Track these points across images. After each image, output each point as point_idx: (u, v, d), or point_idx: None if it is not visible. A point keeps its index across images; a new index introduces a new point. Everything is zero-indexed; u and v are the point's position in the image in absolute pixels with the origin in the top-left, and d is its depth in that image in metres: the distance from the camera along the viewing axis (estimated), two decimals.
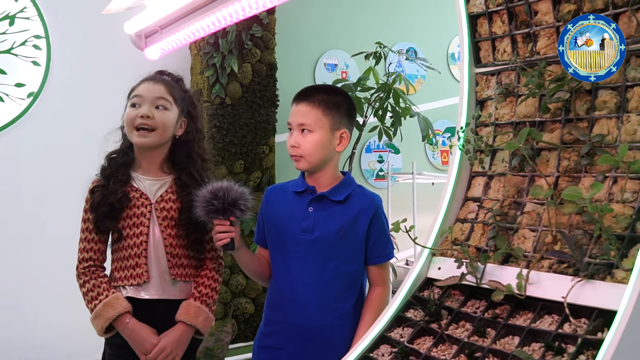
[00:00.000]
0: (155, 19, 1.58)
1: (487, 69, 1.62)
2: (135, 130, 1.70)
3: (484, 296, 1.42)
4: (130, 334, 1.66)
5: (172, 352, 1.67)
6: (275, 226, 1.75)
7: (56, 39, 3.78)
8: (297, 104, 1.69)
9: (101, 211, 1.70)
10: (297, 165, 1.70)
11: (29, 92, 3.71)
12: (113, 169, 1.75)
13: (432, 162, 5.40)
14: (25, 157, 3.69)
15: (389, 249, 1.76)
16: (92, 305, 1.68)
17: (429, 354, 1.34)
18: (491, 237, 1.45)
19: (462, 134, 1.58)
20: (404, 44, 5.01)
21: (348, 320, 1.70)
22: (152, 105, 1.70)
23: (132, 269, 1.71)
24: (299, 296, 1.67)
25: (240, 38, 3.99)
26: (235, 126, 4.00)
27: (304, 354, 1.65)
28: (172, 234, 1.74)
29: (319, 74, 4.78)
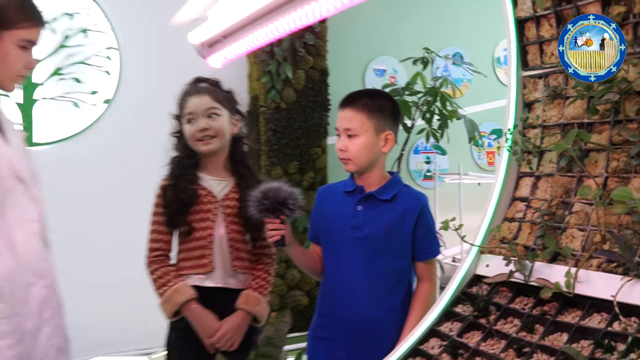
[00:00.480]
0: (218, 30, 1.61)
1: (534, 72, 1.57)
2: (198, 141, 1.76)
3: (532, 293, 1.38)
4: (196, 319, 1.71)
5: (233, 336, 1.72)
6: (327, 224, 1.75)
7: (126, 49, 3.88)
8: (343, 109, 1.69)
9: (172, 207, 1.76)
10: (346, 167, 1.70)
11: (102, 99, 3.82)
12: (182, 169, 1.80)
13: (478, 163, 5.29)
14: (99, 158, 3.79)
15: (435, 246, 1.74)
16: (161, 290, 1.74)
17: (478, 348, 1.31)
18: (539, 235, 1.41)
19: (510, 136, 1.54)
20: (450, 49, 4.92)
21: (397, 314, 1.68)
22: (205, 116, 1.75)
23: (198, 259, 1.76)
24: (349, 291, 1.67)
25: (294, 46, 4.01)
26: (290, 129, 4.03)
27: (355, 346, 1.65)
28: (234, 230, 1.78)
29: (369, 79, 4.75)
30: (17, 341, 1.34)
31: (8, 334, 1.33)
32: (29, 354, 1.37)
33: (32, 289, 1.39)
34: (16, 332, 1.34)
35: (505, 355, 1.25)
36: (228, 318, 1.74)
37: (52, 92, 3.71)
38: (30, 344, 1.38)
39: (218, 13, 1.66)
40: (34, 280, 1.40)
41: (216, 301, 1.75)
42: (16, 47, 1.34)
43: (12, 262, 1.35)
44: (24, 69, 1.39)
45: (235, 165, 1.84)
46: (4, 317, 1.33)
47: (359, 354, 1.62)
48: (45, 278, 1.44)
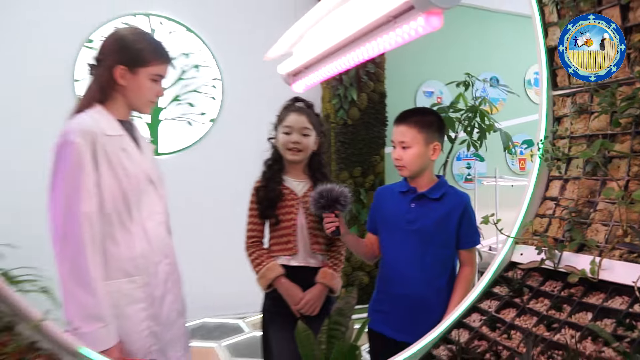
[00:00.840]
0: (301, 62, 1.64)
1: (563, 91, 1.51)
2: (288, 150, 1.79)
3: (560, 278, 1.32)
4: (285, 290, 1.75)
5: (314, 304, 1.74)
6: (385, 219, 1.74)
7: (227, 80, 4.00)
8: (398, 125, 1.66)
9: (264, 203, 1.80)
10: (401, 173, 1.69)
11: (209, 118, 3.95)
12: (271, 173, 1.84)
13: (512, 168, 5.12)
14: (206, 164, 3.92)
15: (475, 236, 1.69)
16: (257, 269, 1.79)
17: (513, 322, 1.27)
18: (567, 229, 1.35)
19: (542, 145, 1.47)
20: (488, 74, 4.79)
21: (442, 293, 1.65)
22: (299, 133, 1.78)
23: (285, 244, 1.78)
24: (404, 273, 1.64)
25: (359, 74, 4.01)
26: (355, 141, 4.03)
27: (407, 318, 1.62)
28: (312, 220, 1.79)
29: (419, 99, 4.69)
30: (149, 305, 1.40)
31: (143, 299, 1.39)
32: (157, 315, 1.42)
33: (160, 265, 1.44)
34: (148, 298, 1.40)
35: (537, 329, 1.20)
36: (310, 290, 1.75)
37: (172, 113, 3.87)
38: (158, 307, 1.43)
39: (301, 49, 1.69)
40: (161, 258, 1.45)
41: (299, 277, 1.77)
42: (149, 80, 1.39)
43: (146, 244, 1.41)
44: (155, 97, 1.43)
45: (312, 171, 1.86)
46: (140, 286, 1.39)
47: (410, 325, 1.60)
48: (169, 257, 1.49)
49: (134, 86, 1.38)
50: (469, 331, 1.35)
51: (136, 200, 1.39)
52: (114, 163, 1.34)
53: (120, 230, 1.36)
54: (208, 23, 3.92)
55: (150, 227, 1.42)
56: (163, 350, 1.43)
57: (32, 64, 3.42)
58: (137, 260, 1.38)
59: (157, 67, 1.38)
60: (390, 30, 1.24)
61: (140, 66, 1.36)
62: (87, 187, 1.29)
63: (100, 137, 1.32)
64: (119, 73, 1.36)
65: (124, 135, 1.40)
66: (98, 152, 1.31)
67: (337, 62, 1.51)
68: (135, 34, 1.40)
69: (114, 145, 1.35)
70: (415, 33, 1.17)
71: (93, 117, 1.35)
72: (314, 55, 1.55)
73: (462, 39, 4.83)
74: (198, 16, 3.89)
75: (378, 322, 1.69)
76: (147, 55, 1.36)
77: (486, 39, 4.92)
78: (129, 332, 1.35)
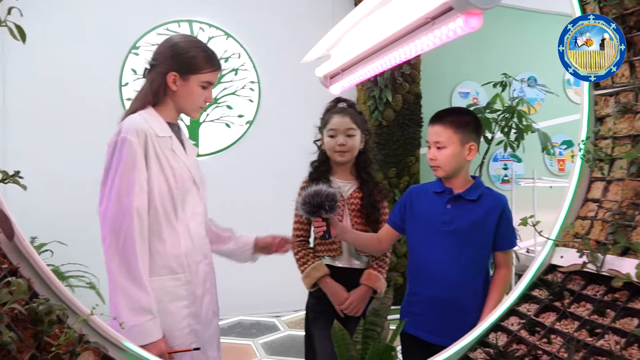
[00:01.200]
0: (337, 65, 1.64)
1: (605, 90, 1.45)
2: (335, 152, 1.79)
3: (603, 282, 1.27)
4: (329, 290, 1.75)
5: (357, 305, 1.74)
6: (420, 218, 1.71)
7: (264, 83, 4.05)
8: (433, 125, 1.63)
9: None
10: (436, 173, 1.65)
11: (246, 120, 4.01)
12: (318, 174, 1.84)
13: (550, 169, 4.97)
14: (244, 164, 3.98)
15: (513, 238, 1.65)
16: (302, 268, 1.80)
17: (553, 326, 1.23)
18: (610, 232, 1.29)
19: (583, 146, 1.42)
20: (526, 74, 4.68)
21: (478, 295, 1.61)
22: (344, 135, 1.77)
23: (329, 244, 1.78)
24: (440, 275, 1.61)
25: (394, 76, 3.98)
26: (390, 142, 4.00)
27: (442, 321, 1.59)
28: (357, 222, 1.78)
29: (455, 100, 4.63)
30: (190, 303, 1.43)
31: (185, 297, 1.42)
32: (197, 314, 1.45)
33: (200, 265, 1.47)
34: (190, 296, 1.43)
35: (579, 335, 1.16)
36: (354, 290, 1.75)
37: (212, 116, 3.95)
38: (199, 306, 1.46)
39: (338, 53, 1.69)
40: (201, 258, 1.48)
41: (344, 277, 1.77)
42: (199, 87, 1.42)
43: (189, 243, 1.44)
44: (204, 103, 1.46)
45: (359, 171, 1.84)
46: (183, 284, 1.42)
47: (444, 327, 1.57)
48: (207, 257, 1.52)
49: (184, 92, 1.42)
50: (507, 334, 1.32)
51: (181, 200, 1.42)
52: (163, 163, 1.38)
53: (167, 228, 1.39)
54: (247, 28, 3.98)
55: (193, 227, 1.45)
56: (203, 349, 1.45)
57: (81, 69, 3.56)
58: (181, 258, 1.41)
59: (207, 75, 1.41)
60: (428, 31, 1.22)
61: (192, 73, 1.40)
62: (139, 183, 1.33)
63: (151, 137, 1.37)
64: (171, 79, 1.41)
65: (172, 136, 1.44)
66: (149, 151, 1.36)
67: (374, 64, 1.50)
68: (187, 42, 1.44)
69: (164, 145, 1.40)
70: (454, 34, 1.15)
71: (145, 118, 1.40)
72: (351, 58, 1.55)
73: (499, 39, 4.73)
74: (237, 22, 3.96)
75: (410, 324, 1.66)
76: (198, 62, 1.40)
77: (524, 38, 4.81)
78: (171, 328, 1.38)
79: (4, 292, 0.99)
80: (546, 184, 4.17)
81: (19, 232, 1.28)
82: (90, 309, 1.36)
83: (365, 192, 1.78)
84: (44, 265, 1.33)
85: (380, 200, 1.80)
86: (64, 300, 1.34)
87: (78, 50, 3.55)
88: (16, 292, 1.00)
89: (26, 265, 1.29)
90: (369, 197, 1.77)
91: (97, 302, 2.28)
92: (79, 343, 1.22)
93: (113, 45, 3.65)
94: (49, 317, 1.13)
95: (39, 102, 3.48)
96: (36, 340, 1.09)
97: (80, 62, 3.55)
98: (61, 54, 3.51)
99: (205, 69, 1.41)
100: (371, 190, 1.78)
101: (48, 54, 3.47)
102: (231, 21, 3.95)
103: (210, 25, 3.90)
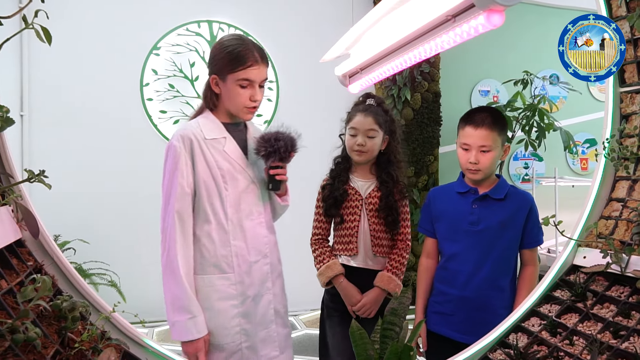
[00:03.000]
0: (357, 64, 1.63)
1: (631, 87, 1.42)
2: (354, 151, 1.77)
3: (628, 283, 1.24)
4: (342, 290, 1.74)
5: (370, 307, 1.72)
6: (445, 220, 1.69)
7: (283, 82, 4.05)
8: (476, 128, 1.57)
9: (329, 202, 1.78)
10: (474, 176, 1.61)
11: (264, 120, 4.02)
12: (338, 172, 1.83)
13: (572, 168, 4.88)
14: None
15: (540, 235, 1.63)
16: (318, 265, 1.79)
17: (575, 328, 1.21)
18: (636, 232, 1.27)
19: (608, 144, 1.39)
20: (547, 71, 4.58)
21: (506, 293, 1.60)
22: (365, 135, 1.74)
23: (346, 244, 1.77)
24: (468, 275, 1.60)
25: (412, 74, 3.95)
26: (408, 141, 3.97)
27: (471, 320, 1.58)
28: (375, 222, 1.76)
29: (474, 98, 4.57)
30: (240, 302, 1.43)
31: (235, 297, 1.42)
32: (248, 314, 1.45)
33: (256, 265, 1.47)
34: (240, 296, 1.44)
35: (602, 336, 1.14)
36: (367, 292, 1.73)
37: None
38: (251, 307, 1.46)
39: (357, 52, 1.68)
40: (258, 258, 1.48)
41: (359, 277, 1.75)
42: (237, 86, 1.40)
43: (242, 243, 1.45)
44: (249, 102, 1.43)
45: (379, 171, 1.81)
46: (233, 283, 1.42)
47: (473, 326, 1.55)
48: (268, 256, 1.51)
49: (226, 93, 1.43)
50: (527, 335, 1.30)
51: (234, 199, 1.44)
52: (211, 164, 1.41)
53: (216, 227, 1.42)
54: (266, 28, 3.99)
55: (248, 226, 1.46)
56: (254, 348, 1.45)
57: (103, 70, 3.62)
58: (230, 258, 1.43)
59: (241, 72, 1.39)
60: (449, 29, 1.21)
61: (227, 73, 1.40)
62: (181, 186, 1.37)
63: (198, 140, 1.40)
64: (214, 82, 1.44)
65: (227, 137, 1.46)
66: (196, 154, 1.40)
67: (393, 62, 1.49)
68: (225, 41, 1.44)
69: (213, 147, 1.43)
70: (475, 32, 1.14)
71: (199, 122, 1.44)
72: (370, 56, 1.55)
73: (521, 36, 4.66)
74: (256, 21, 3.97)
75: (439, 324, 1.65)
76: (230, 61, 1.39)
77: (546, 35, 4.71)
78: (219, 326, 1.40)
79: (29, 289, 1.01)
80: (568, 183, 4.10)
81: (43, 230, 1.31)
82: (112, 306, 1.39)
83: (384, 192, 1.75)
84: (68, 263, 1.36)
85: (400, 199, 1.78)
86: (86, 297, 1.37)
87: (100, 50, 3.61)
88: (41, 289, 1.02)
89: (50, 262, 1.33)
90: (388, 197, 1.75)
91: (118, 300, 2.32)
92: (101, 340, 1.24)
93: (134, 45, 3.71)
94: (73, 313, 1.15)
95: (63, 103, 3.55)
96: (60, 336, 1.12)
97: (103, 63, 3.62)
98: (84, 54, 3.58)
99: (238, 66, 1.39)
100: (390, 190, 1.75)
101: (71, 54, 3.53)
102: (250, 21, 3.97)
103: (229, 25, 3.93)
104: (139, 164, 3.66)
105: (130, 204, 3.65)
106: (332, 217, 1.79)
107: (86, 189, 3.56)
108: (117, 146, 3.65)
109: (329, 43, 1.76)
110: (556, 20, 4.74)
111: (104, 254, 3.46)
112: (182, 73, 3.84)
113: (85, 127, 3.59)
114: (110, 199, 3.63)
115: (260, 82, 1.44)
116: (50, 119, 3.52)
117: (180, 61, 3.83)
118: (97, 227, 3.57)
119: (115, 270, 3.43)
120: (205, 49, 3.88)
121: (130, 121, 3.70)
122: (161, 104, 3.79)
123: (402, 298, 1.24)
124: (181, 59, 3.83)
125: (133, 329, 1.43)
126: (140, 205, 3.63)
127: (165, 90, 3.79)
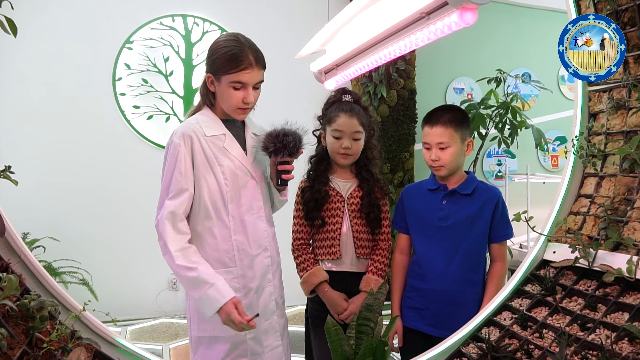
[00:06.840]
0: (332, 60, 1.63)
1: (599, 86, 1.45)
2: (338, 154, 1.70)
3: (595, 277, 1.28)
4: (327, 299, 1.68)
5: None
6: (416, 216, 1.71)
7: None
8: (432, 126, 1.62)
9: (309, 205, 1.72)
10: (439, 173, 1.65)
11: None
12: (317, 173, 1.76)
13: (544, 165, 4.99)
14: None
15: (508, 229, 1.66)
16: (301, 273, 1.73)
17: (545, 321, 1.24)
18: (602, 227, 1.30)
19: (577, 142, 1.43)
20: (520, 70, 4.68)
21: (477, 288, 1.63)
22: (350, 138, 1.68)
23: (328, 247, 1.71)
24: (439, 270, 1.62)
25: (389, 71, 3.98)
26: (384, 138, 3.99)
27: (444, 314, 1.60)
28: (358, 222, 1.71)
29: (449, 96, 4.63)
30: (244, 295, 1.45)
31: (238, 290, 1.44)
32: (251, 305, 1.47)
33: (257, 258, 1.49)
34: (244, 288, 1.46)
35: (570, 329, 1.17)
36: (353, 299, 1.68)
37: None
38: (254, 299, 1.48)
39: (333, 48, 1.68)
40: (259, 251, 1.50)
41: (344, 282, 1.70)
42: (230, 87, 1.40)
43: (243, 237, 1.46)
44: (241, 103, 1.43)
45: (359, 169, 1.76)
46: (236, 277, 1.44)
47: (445, 320, 1.58)
48: (268, 249, 1.53)
49: (220, 93, 1.45)
50: (499, 329, 1.32)
51: (234, 194, 1.45)
52: (212, 161, 1.43)
53: (218, 223, 1.43)
54: (241, 23, 3.94)
55: (249, 221, 1.47)
56: (258, 339, 1.48)
57: (74, 63, 3.53)
58: (232, 252, 1.45)
59: (234, 75, 1.39)
60: (423, 27, 1.22)
61: (221, 74, 1.41)
62: (178, 182, 1.39)
63: (198, 137, 1.42)
64: (209, 81, 1.45)
65: (226, 134, 1.47)
66: (195, 151, 1.42)
67: (369, 59, 1.50)
68: (220, 42, 1.44)
69: (213, 144, 1.44)
70: (449, 29, 1.15)
71: (197, 119, 1.46)
72: (346, 53, 1.55)
73: (494, 34, 4.73)
74: (232, 16, 3.93)
75: (411, 319, 1.67)
76: (223, 63, 1.40)
77: (519, 35, 4.81)
78: None
79: None
80: (540, 180, 4.19)
81: (10, 228, 1.27)
82: (83, 305, 1.36)
83: (365, 191, 1.70)
84: (36, 262, 1.32)
85: (381, 197, 1.75)
86: (55, 296, 1.34)
87: (72, 43, 3.52)
88: (7, 288, 0.99)
89: (17, 261, 1.29)
90: (369, 195, 1.70)
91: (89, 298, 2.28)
92: (70, 339, 1.21)
93: (107, 38, 3.62)
94: (41, 313, 1.12)
95: (32, 97, 3.45)
96: (27, 337, 1.09)
97: (74, 56, 3.53)
98: (55, 47, 3.48)
99: (231, 69, 1.39)
100: (372, 188, 1.71)
101: (41, 48, 3.44)
102: (226, 16, 3.93)
103: (204, 20, 3.88)
104: (111, 159, 3.58)
105: (102, 200, 3.58)
106: (312, 221, 1.72)
107: (57, 184, 3.48)
108: (88, 140, 3.56)
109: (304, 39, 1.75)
110: (528, 19, 4.84)
111: (75, 251, 3.38)
112: (155, 68, 3.77)
113: (56, 122, 3.49)
114: (82, 195, 3.55)
115: (255, 85, 1.45)
116: (20, 115, 3.42)
117: (154, 56, 3.76)
118: (68, 224, 3.49)
119: (87, 268, 3.35)
120: (180, 44, 3.82)
121: (103, 116, 3.62)
122: (134, 99, 3.72)
123: (377, 294, 1.24)
124: (155, 53, 3.76)
125: (105, 328, 1.41)
126: (112, 201, 3.56)
127: (139, 85, 3.73)
